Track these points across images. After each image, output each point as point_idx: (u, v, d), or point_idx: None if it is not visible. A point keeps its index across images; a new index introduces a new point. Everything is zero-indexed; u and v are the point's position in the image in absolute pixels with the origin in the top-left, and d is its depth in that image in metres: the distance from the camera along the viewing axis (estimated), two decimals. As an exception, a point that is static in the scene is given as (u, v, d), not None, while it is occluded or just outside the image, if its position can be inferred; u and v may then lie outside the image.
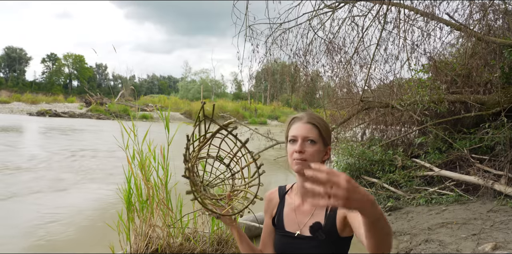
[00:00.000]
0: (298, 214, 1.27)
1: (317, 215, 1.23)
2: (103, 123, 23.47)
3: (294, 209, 1.29)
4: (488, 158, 5.32)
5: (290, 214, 1.30)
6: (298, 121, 1.25)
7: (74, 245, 3.92)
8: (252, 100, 22.09)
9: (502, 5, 5.83)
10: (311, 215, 1.24)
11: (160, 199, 3.07)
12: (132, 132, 3.01)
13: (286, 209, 1.32)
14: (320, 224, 1.20)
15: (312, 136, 1.21)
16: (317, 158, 1.21)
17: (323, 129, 1.24)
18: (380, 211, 0.82)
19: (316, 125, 1.23)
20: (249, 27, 6.13)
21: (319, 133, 1.22)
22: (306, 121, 1.24)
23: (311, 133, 1.22)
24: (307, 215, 1.25)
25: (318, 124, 1.23)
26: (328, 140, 1.26)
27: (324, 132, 1.24)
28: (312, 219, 1.23)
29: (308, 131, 1.22)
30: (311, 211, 1.25)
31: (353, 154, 6.28)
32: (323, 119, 1.27)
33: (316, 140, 1.21)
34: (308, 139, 1.21)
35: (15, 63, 71.66)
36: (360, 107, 6.60)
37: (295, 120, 1.26)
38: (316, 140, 1.21)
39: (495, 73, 5.29)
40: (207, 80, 58.16)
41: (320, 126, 1.23)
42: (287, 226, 1.28)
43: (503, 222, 3.98)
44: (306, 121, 1.24)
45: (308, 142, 1.21)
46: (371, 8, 6.16)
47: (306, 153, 1.20)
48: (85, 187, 6.56)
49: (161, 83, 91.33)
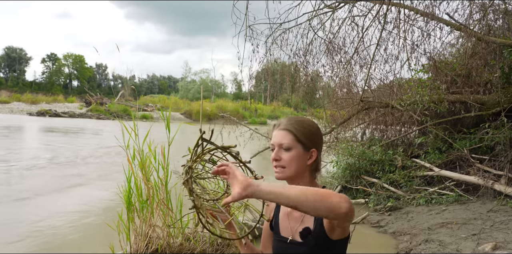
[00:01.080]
0: (290, 220, 1.27)
1: (307, 220, 1.22)
2: (103, 124, 23.47)
3: (287, 214, 1.29)
4: (488, 158, 5.32)
5: (284, 219, 1.30)
6: (275, 128, 1.25)
7: (74, 245, 3.92)
8: (252, 100, 22.05)
9: (502, 5, 5.83)
10: (301, 220, 1.23)
11: (160, 199, 3.07)
12: (134, 132, 3.02)
13: (281, 214, 1.32)
14: (310, 229, 1.19)
15: (286, 142, 1.20)
16: (296, 164, 1.20)
17: (300, 133, 1.21)
18: (270, 189, 0.89)
19: (291, 131, 1.21)
20: (249, 27, 6.13)
21: (295, 138, 1.20)
22: (281, 128, 1.23)
23: (285, 139, 1.20)
24: (298, 221, 1.25)
25: (293, 130, 1.21)
26: (311, 143, 1.22)
27: (302, 136, 1.21)
28: (302, 224, 1.22)
29: (282, 137, 1.21)
30: (301, 217, 1.24)
31: (353, 154, 6.28)
32: (303, 123, 1.24)
33: (291, 146, 1.20)
34: (282, 146, 1.20)
35: (15, 63, 71.65)
36: (360, 107, 6.60)
37: (274, 128, 1.27)
38: (291, 146, 1.20)
39: (495, 73, 5.29)
40: (207, 80, 58.17)
41: (295, 131, 1.21)
42: (282, 231, 1.28)
43: (503, 222, 3.98)
44: (281, 128, 1.23)
45: (283, 149, 1.20)
46: (371, 8, 6.16)
47: (282, 160, 1.20)
48: (85, 187, 6.57)
49: (161, 83, 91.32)
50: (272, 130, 1.28)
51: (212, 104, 34.51)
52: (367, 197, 5.87)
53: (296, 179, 1.23)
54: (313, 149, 1.23)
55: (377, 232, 4.69)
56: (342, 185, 6.41)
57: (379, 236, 4.58)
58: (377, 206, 5.51)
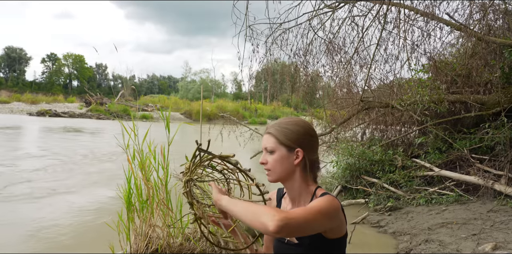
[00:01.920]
0: None
1: None
2: (103, 124, 23.48)
3: None
4: (488, 158, 5.32)
5: None
6: (264, 132, 1.27)
7: (74, 245, 3.92)
8: (252, 100, 22.08)
9: (502, 5, 5.83)
10: None
11: (160, 199, 3.07)
12: (133, 132, 3.01)
13: None
14: None
15: (269, 146, 1.22)
16: (280, 166, 1.21)
17: (281, 135, 1.21)
18: (226, 205, 1.13)
19: (271, 133, 1.22)
20: (249, 27, 6.13)
21: (277, 141, 1.21)
22: (266, 132, 1.25)
23: (268, 142, 1.22)
24: None
25: (274, 132, 1.22)
26: (296, 143, 1.21)
27: (283, 138, 1.20)
28: None
29: (266, 141, 1.23)
30: None
31: (353, 154, 6.28)
32: (287, 124, 1.24)
33: (273, 149, 1.21)
34: (267, 150, 1.23)
35: (15, 63, 71.64)
36: (360, 107, 6.60)
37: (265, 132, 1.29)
38: (274, 149, 1.21)
39: (495, 73, 5.29)
40: (207, 80, 58.16)
41: (277, 133, 1.21)
42: None
43: (503, 222, 3.98)
44: (266, 132, 1.25)
45: (268, 152, 1.22)
46: (371, 8, 6.16)
47: (268, 163, 1.22)
48: (85, 187, 6.57)
49: (161, 83, 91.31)
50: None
51: (212, 104, 34.52)
52: (367, 197, 5.87)
53: (286, 180, 1.24)
54: (298, 149, 1.21)
55: (377, 232, 4.69)
56: (342, 185, 6.41)
57: (379, 236, 4.58)
58: (377, 206, 5.51)
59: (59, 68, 75.35)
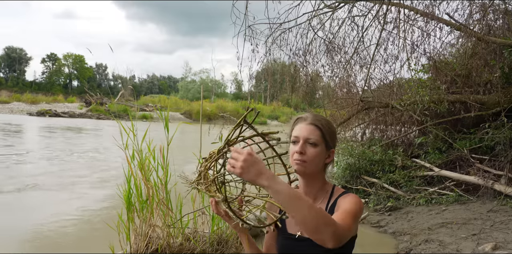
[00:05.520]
0: None
1: None
2: (103, 124, 23.47)
3: None
4: (488, 158, 5.32)
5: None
6: (302, 121, 1.23)
7: (74, 245, 3.91)
8: (252, 100, 22.08)
9: (502, 5, 5.83)
10: None
11: (160, 199, 3.07)
12: (132, 132, 3.01)
13: None
14: None
15: (313, 138, 1.19)
16: (317, 161, 1.20)
17: (326, 131, 1.21)
18: (283, 189, 0.91)
19: (319, 127, 1.20)
20: (249, 27, 6.13)
21: (322, 135, 1.20)
22: (309, 123, 1.21)
23: (313, 134, 1.19)
24: None
25: (321, 126, 1.21)
26: (332, 143, 1.23)
27: (327, 135, 1.21)
28: None
29: (310, 132, 1.20)
30: None
31: (353, 154, 6.28)
32: (329, 122, 1.24)
33: (317, 142, 1.19)
34: (309, 141, 1.19)
35: (15, 63, 71.65)
36: (360, 107, 6.60)
37: (299, 121, 1.24)
38: (317, 142, 1.19)
39: (495, 73, 5.28)
40: (207, 80, 58.12)
41: (323, 128, 1.21)
42: (289, 228, 1.27)
43: (503, 222, 3.98)
44: (309, 123, 1.21)
45: (309, 143, 1.19)
46: (371, 8, 6.16)
47: (306, 154, 1.18)
48: (84, 187, 6.56)
49: (161, 83, 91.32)
50: (294, 122, 1.26)
51: (212, 104, 34.48)
52: (367, 197, 5.87)
53: (312, 175, 1.23)
54: (332, 149, 1.24)
55: (377, 232, 4.69)
56: (342, 185, 6.41)
57: (379, 236, 4.58)
58: (377, 206, 5.50)
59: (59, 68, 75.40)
